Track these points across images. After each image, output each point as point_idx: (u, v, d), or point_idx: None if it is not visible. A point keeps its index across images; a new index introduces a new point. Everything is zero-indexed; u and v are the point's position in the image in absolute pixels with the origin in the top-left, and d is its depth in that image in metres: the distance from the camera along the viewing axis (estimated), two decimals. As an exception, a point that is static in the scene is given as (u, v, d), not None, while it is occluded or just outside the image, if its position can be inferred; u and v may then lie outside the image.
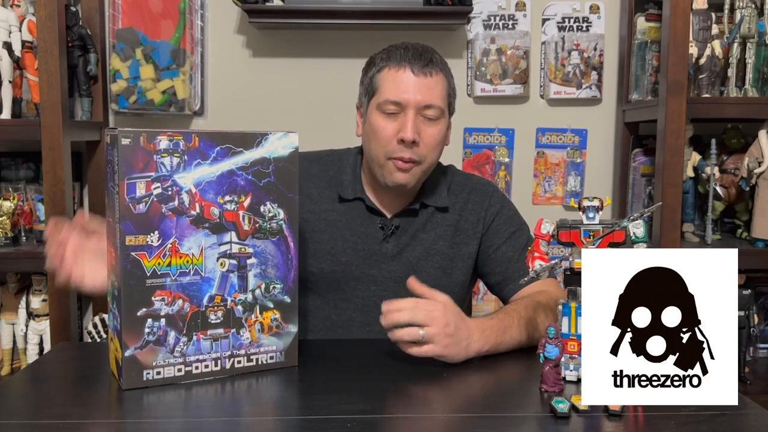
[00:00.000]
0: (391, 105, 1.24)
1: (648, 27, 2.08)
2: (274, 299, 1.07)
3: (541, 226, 1.03)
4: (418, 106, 1.23)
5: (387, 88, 1.25)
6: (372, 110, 1.27)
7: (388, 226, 1.33)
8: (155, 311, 0.98)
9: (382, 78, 1.26)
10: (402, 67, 1.24)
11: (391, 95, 1.24)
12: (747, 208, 2.01)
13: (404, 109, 1.24)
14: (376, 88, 1.27)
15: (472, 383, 1.06)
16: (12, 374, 1.97)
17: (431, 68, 1.24)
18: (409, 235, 1.33)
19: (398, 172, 1.25)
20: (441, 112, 1.26)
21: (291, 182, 1.07)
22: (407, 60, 1.24)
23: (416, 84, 1.23)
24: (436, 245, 1.33)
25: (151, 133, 0.95)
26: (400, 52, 1.26)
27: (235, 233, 1.03)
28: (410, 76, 1.24)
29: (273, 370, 1.08)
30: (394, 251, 1.32)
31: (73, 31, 1.95)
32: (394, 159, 1.25)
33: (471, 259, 1.36)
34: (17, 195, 1.97)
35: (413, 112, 1.23)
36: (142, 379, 0.98)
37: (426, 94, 1.24)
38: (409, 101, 1.23)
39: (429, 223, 1.34)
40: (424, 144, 1.25)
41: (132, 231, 0.95)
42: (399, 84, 1.24)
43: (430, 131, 1.25)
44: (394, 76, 1.24)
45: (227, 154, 1.01)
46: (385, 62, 1.27)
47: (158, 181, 0.96)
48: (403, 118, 1.24)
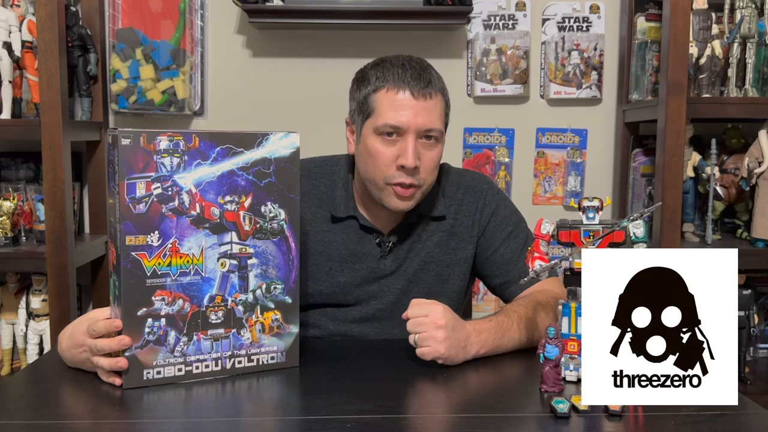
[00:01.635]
0: (390, 129, 1.19)
1: (648, 27, 2.08)
2: (275, 299, 1.07)
3: (541, 227, 1.03)
4: (418, 130, 1.18)
5: (385, 111, 1.19)
6: (368, 132, 1.22)
7: (385, 243, 1.30)
8: (155, 311, 0.98)
9: (379, 99, 1.20)
10: (401, 89, 1.18)
11: (391, 120, 1.18)
12: (747, 208, 2.01)
13: (404, 133, 1.19)
14: (372, 109, 1.21)
15: (472, 383, 1.07)
16: (12, 374, 1.97)
17: (430, 89, 1.19)
18: (406, 248, 1.31)
19: (399, 200, 1.21)
20: (440, 134, 1.22)
21: (292, 182, 1.06)
22: (406, 82, 1.18)
23: (416, 108, 1.18)
24: (433, 253, 1.31)
25: (152, 133, 0.95)
26: (398, 72, 1.20)
27: (235, 233, 1.03)
28: (410, 99, 1.18)
29: (274, 370, 1.08)
30: (392, 267, 1.30)
31: (73, 31, 1.95)
32: (394, 185, 1.20)
33: (468, 264, 1.34)
34: (17, 195, 1.97)
35: (413, 137, 1.18)
36: (143, 379, 0.98)
37: (426, 118, 1.19)
38: (410, 126, 1.18)
39: (424, 232, 1.32)
40: (424, 168, 1.21)
41: (132, 231, 0.95)
42: (398, 108, 1.18)
43: (429, 155, 1.21)
44: (393, 99, 1.19)
45: (228, 155, 1.01)
46: (382, 82, 1.20)
47: (158, 181, 0.96)
48: (402, 143, 1.19)
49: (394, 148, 1.19)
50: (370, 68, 1.25)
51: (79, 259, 1.92)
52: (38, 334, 1.95)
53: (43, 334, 1.94)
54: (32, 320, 1.94)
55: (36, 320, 1.94)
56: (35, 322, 1.94)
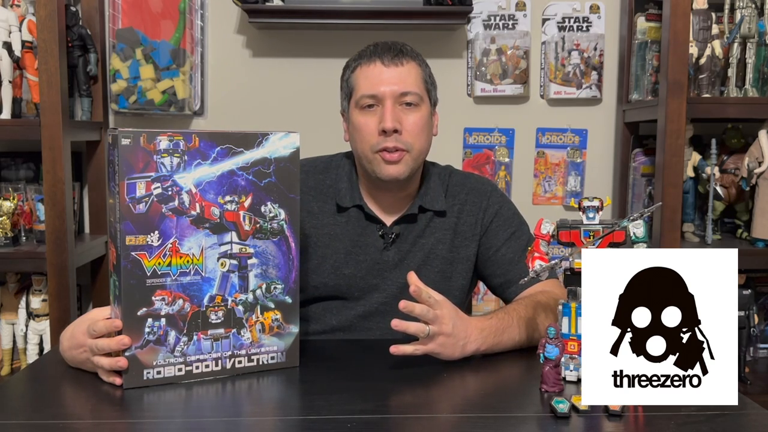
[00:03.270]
0: (367, 99, 1.25)
1: (648, 27, 2.08)
2: (276, 299, 1.07)
3: (541, 226, 1.03)
4: (394, 95, 1.24)
5: (361, 84, 1.27)
6: (352, 110, 1.29)
7: (388, 234, 1.32)
8: (155, 311, 0.98)
9: (356, 77, 1.28)
10: (372, 62, 1.26)
11: (366, 90, 1.25)
12: (747, 208, 2.01)
13: (381, 101, 1.25)
14: (352, 87, 1.29)
15: (472, 383, 1.07)
16: (12, 374, 1.97)
17: (401, 57, 1.26)
18: (410, 242, 1.32)
19: (388, 165, 1.25)
20: (419, 98, 1.26)
21: (292, 182, 1.07)
22: (377, 54, 1.27)
23: (389, 74, 1.25)
24: (436, 249, 1.33)
25: (152, 133, 0.95)
26: (370, 49, 1.29)
27: (235, 233, 1.03)
28: (381, 68, 1.25)
29: (274, 370, 1.08)
30: (395, 259, 1.32)
31: (73, 31, 1.95)
32: (381, 152, 1.25)
33: (470, 262, 1.35)
34: (17, 195, 1.97)
35: (390, 101, 1.24)
36: (143, 379, 0.98)
37: (400, 82, 1.25)
38: (385, 92, 1.24)
39: (428, 228, 1.33)
40: (407, 131, 1.25)
41: (132, 231, 0.95)
42: (372, 78, 1.25)
43: (411, 118, 1.26)
44: (366, 71, 1.27)
45: (228, 154, 1.01)
46: (357, 61, 1.29)
47: (158, 181, 0.96)
48: (381, 110, 1.25)
49: (375, 117, 1.25)
50: (351, 57, 1.33)
51: (79, 259, 1.92)
52: (38, 334, 1.95)
53: (43, 334, 1.94)
54: (32, 320, 1.94)
55: (36, 320, 1.94)
56: (35, 322, 1.94)
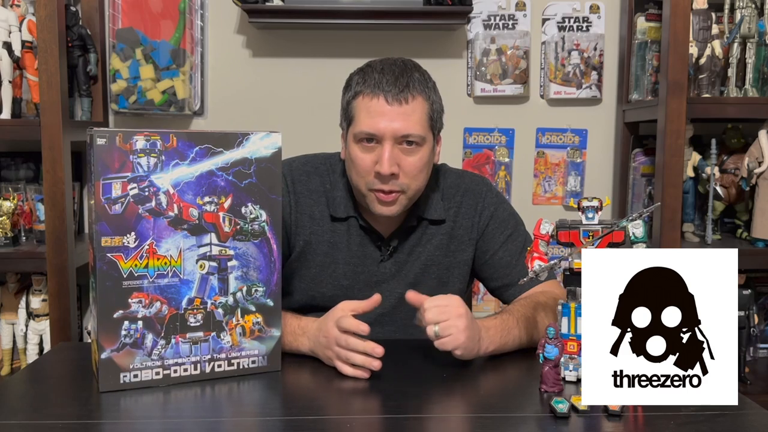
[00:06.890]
0: (366, 136, 1.18)
1: (648, 27, 2.08)
2: (257, 302, 1.05)
3: (541, 227, 1.03)
4: (394, 136, 1.17)
5: (361, 118, 1.18)
6: (350, 139, 1.22)
7: (385, 247, 1.29)
8: (132, 313, 0.97)
9: (357, 106, 1.20)
10: (376, 96, 1.17)
11: (366, 126, 1.17)
12: (747, 208, 2.01)
13: (380, 140, 1.17)
14: (352, 116, 1.21)
15: (472, 383, 1.07)
16: (12, 374, 1.97)
17: (407, 94, 1.17)
18: (406, 252, 1.30)
19: (381, 206, 1.21)
20: (421, 140, 1.19)
21: (274, 183, 1.04)
22: (381, 87, 1.17)
23: (391, 113, 1.16)
24: (433, 256, 1.31)
25: (128, 132, 0.94)
26: (375, 78, 1.18)
27: (215, 235, 1.01)
28: (384, 105, 1.16)
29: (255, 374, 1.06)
30: (393, 270, 1.30)
31: (73, 31, 1.95)
32: (375, 191, 1.20)
33: (467, 266, 1.34)
34: (17, 195, 1.97)
35: (390, 143, 1.17)
36: (119, 382, 0.97)
37: (402, 124, 1.16)
38: (385, 133, 1.16)
39: (425, 235, 1.31)
40: (405, 173, 1.19)
41: (108, 232, 0.94)
42: (373, 115, 1.17)
43: (410, 160, 1.19)
44: (368, 105, 1.18)
45: (206, 155, 0.99)
46: (360, 87, 1.20)
47: (135, 181, 0.94)
48: (380, 149, 1.18)
49: (373, 155, 1.19)
50: (355, 73, 1.25)
51: (79, 259, 1.92)
52: (38, 334, 1.95)
53: (43, 334, 1.94)
54: (32, 320, 1.94)
55: (36, 320, 1.94)
56: (35, 322, 1.94)
